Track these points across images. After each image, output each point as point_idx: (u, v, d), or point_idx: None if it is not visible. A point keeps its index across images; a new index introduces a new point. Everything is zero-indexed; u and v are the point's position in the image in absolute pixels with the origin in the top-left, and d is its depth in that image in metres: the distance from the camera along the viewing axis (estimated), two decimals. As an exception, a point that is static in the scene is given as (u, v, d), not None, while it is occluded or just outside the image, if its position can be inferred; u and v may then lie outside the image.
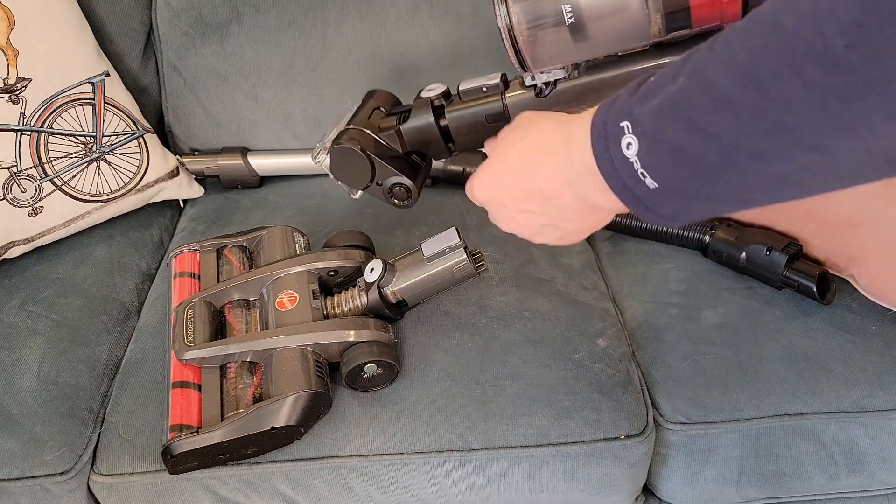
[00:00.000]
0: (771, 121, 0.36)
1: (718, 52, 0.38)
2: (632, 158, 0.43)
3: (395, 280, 0.81)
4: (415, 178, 0.72)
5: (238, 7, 1.07)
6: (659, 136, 0.41)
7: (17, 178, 0.93)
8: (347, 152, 0.71)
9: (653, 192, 0.43)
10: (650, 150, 0.42)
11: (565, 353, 0.83)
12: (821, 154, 0.36)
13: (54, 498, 0.76)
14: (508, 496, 0.79)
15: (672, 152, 0.41)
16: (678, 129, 0.40)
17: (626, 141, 0.43)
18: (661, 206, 0.44)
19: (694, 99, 0.39)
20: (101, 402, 0.82)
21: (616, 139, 0.44)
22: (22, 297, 0.91)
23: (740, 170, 0.39)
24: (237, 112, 1.12)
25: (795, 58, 0.34)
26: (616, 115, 0.45)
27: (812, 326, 0.86)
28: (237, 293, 0.85)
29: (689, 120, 0.39)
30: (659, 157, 0.42)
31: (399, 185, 0.72)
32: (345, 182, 0.74)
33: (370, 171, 0.72)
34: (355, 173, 0.72)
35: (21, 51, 0.93)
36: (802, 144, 0.36)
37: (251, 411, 0.71)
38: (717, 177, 0.40)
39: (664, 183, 0.42)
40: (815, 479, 0.84)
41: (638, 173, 0.43)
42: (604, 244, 1.03)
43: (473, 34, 1.09)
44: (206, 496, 0.76)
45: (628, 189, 0.45)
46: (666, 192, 0.43)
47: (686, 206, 0.44)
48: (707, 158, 0.39)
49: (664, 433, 0.81)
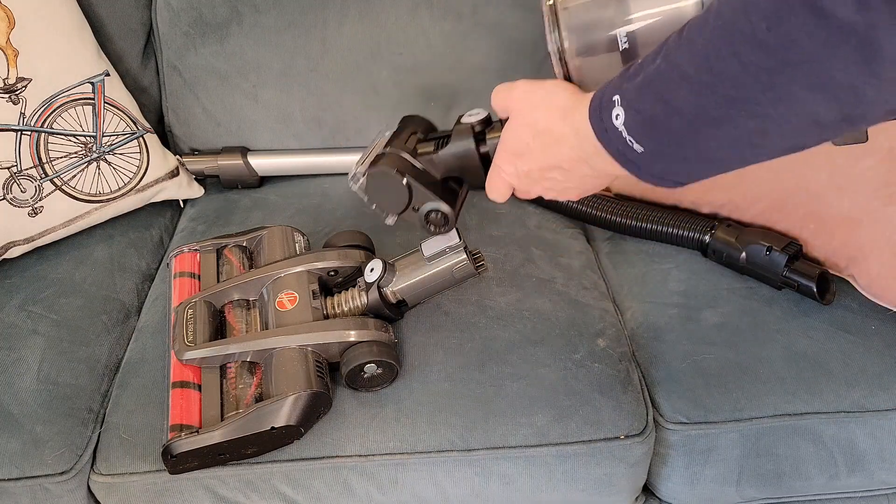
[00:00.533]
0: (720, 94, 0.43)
1: (684, 38, 0.46)
2: (620, 128, 0.50)
3: (395, 280, 0.81)
4: (453, 204, 0.71)
5: (238, 7, 1.07)
6: (639, 108, 0.49)
7: (17, 178, 0.93)
8: (385, 176, 0.70)
9: (640, 155, 0.50)
10: (633, 120, 0.49)
11: (565, 353, 0.83)
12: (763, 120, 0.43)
13: (54, 498, 0.76)
14: (508, 496, 0.79)
15: (649, 122, 0.49)
16: (652, 102, 0.48)
17: (615, 112, 0.50)
18: (650, 167, 0.51)
19: (663, 78, 0.47)
20: (101, 402, 0.82)
21: (608, 111, 0.51)
22: (22, 297, 0.91)
23: (703, 136, 0.46)
24: (237, 112, 1.12)
25: (733, 41, 0.41)
26: (609, 91, 0.52)
27: (812, 326, 0.86)
28: (237, 293, 0.85)
29: (660, 95, 0.47)
30: (640, 125, 0.49)
31: (436, 211, 0.71)
32: (380, 207, 0.73)
33: (407, 196, 0.70)
34: (392, 198, 0.71)
35: (21, 51, 0.93)
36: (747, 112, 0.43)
37: (251, 411, 0.71)
38: (686, 142, 0.48)
39: (647, 147, 0.50)
40: (815, 479, 0.84)
41: (626, 140, 0.50)
42: (604, 244, 1.03)
43: (473, 34, 1.09)
44: (206, 496, 0.76)
45: (622, 154, 0.52)
46: (650, 155, 0.50)
47: (669, 166, 0.51)
48: (674, 127, 0.47)
49: (664, 433, 0.81)
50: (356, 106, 1.12)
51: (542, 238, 1.00)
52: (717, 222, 0.95)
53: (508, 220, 1.03)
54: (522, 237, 1.00)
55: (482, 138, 0.69)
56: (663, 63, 0.47)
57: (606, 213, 1.00)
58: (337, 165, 1.14)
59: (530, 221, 1.03)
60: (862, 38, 0.36)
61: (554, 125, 0.58)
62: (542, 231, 1.02)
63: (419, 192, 0.70)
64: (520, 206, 1.06)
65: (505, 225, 1.02)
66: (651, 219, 0.98)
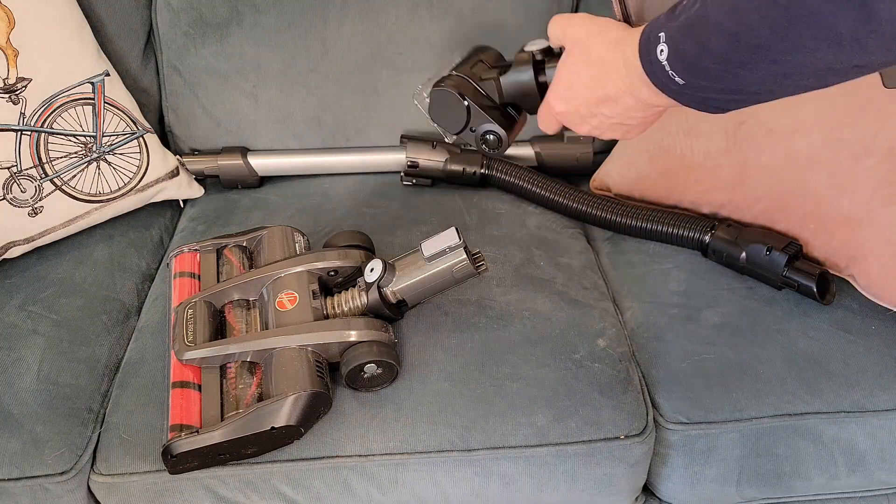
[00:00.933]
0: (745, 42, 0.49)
1: None
2: (663, 62, 0.56)
3: (394, 280, 0.81)
4: (508, 128, 0.75)
5: (238, 7, 1.07)
6: (678, 47, 0.54)
7: (17, 178, 0.93)
8: (446, 95, 0.74)
9: (682, 86, 0.56)
10: (675, 56, 0.55)
11: (565, 353, 0.83)
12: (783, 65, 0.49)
13: (54, 498, 0.76)
14: (508, 496, 0.79)
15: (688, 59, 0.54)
16: (691, 43, 0.53)
17: (660, 48, 0.55)
18: (691, 96, 0.56)
19: (701, 23, 0.52)
20: (101, 402, 0.82)
21: (654, 46, 0.56)
22: (22, 297, 0.91)
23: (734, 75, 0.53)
24: (237, 112, 1.12)
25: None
26: (656, 28, 0.57)
27: (812, 326, 0.86)
28: (237, 293, 0.85)
29: (697, 37, 0.53)
30: (680, 62, 0.55)
31: (492, 132, 0.74)
32: (441, 125, 0.77)
33: (466, 117, 0.74)
34: (452, 117, 0.75)
35: (21, 51, 0.93)
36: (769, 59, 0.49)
37: (251, 411, 0.71)
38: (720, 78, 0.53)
39: (687, 80, 0.55)
40: (815, 479, 0.84)
41: (669, 73, 0.55)
42: (604, 244, 1.03)
43: (473, 34, 1.09)
44: (206, 496, 0.76)
45: (665, 84, 0.57)
46: (690, 87, 0.56)
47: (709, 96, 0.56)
48: (709, 66, 0.53)
49: (664, 433, 0.81)
50: (356, 106, 1.11)
51: (542, 238, 1.00)
52: (717, 222, 0.95)
53: (508, 220, 1.03)
54: (522, 237, 1.00)
55: (541, 67, 0.72)
56: (701, 9, 0.52)
57: (607, 212, 1.01)
58: (337, 165, 1.14)
59: (530, 221, 1.03)
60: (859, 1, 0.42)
61: (606, 54, 0.64)
62: (542, 231, 1.02)
63: (477, 114, 0.74)
64: (520, 206, 1.06)
65: (505, 225, 1.02)
66: (651, 218, 0.98)
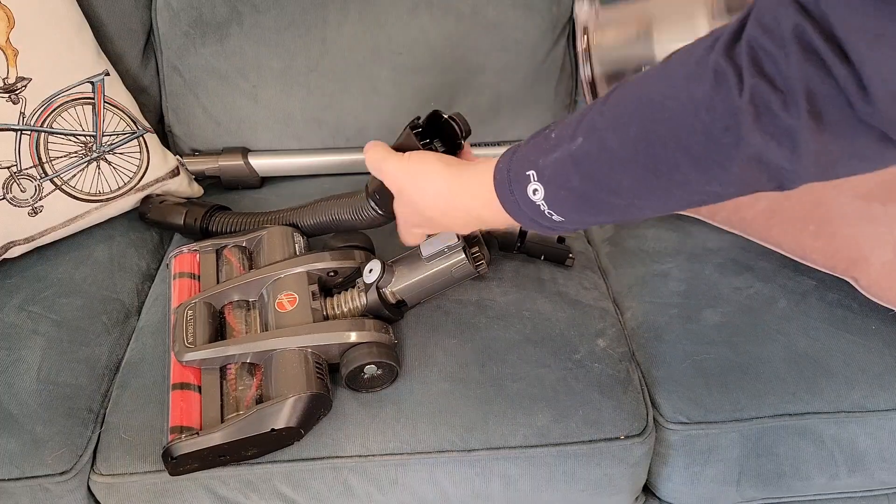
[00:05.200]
0: (665, 177, 0.45)
1: (610, 118, 0.47)
2: (538, 202, 0.51)
3: (394, 280, 0.81)
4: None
5: (238, 7, 1.07)
6: (564, 185, 0.49)
7: (17, 177, 0.93)
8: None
9: (559, 222, 0.52)
10: (555, 195, 0.50)
11: (565, 353, 0.83)
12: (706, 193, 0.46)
13: (54, 498, 0.76)
14: (508, 496, 0.79)
15: (577, 198, 0.49)
16: (582, 181, 0.48)
17: (531, 188, 0.51)
18: (565, 228, 0.53)
19: (592, 158, 0.47)
20: (101, 402, 0.82)
21: (522, 186, 0.52)
22: (22, 297, 0.91)
23: (639, 207, 0.48)
24: (237, 112, 1.12)
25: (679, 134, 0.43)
26: (520, 164, 0.52)
27: (812, 326, 0.86)
28: (237, 294, 0.85)
29: (591, 175, 0.48)
30: (564, 201, 0.50)
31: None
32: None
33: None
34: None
35: (21, 50, 0.93)
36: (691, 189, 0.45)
37: (251, 413, 0.71)
38: (620, 212, 0.49)
39: (571, 217, 0.51)
40: (815, 479, 0.84)
41: (545, 212, 0.52)
42: (603, 244, 1.03)
43: (473, 34, 1.09)
44: (206, 496, 0.76)
45: (535, 222, 0.53)
46: (571, 222, 0.52)
47: (584, 225, 0.54)
48: (611, 202, 0.48)
49: (664, 433, 0.81)
50: (356, 106, 1.11)
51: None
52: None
53: (508, 220, 1.03)
54: (522, 237, 1.00)
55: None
56: (587, 143, 0.48)
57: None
58: (337, 165, 1.14)
59: (530, 221, 1.03)
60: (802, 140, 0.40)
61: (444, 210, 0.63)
62: (543, 231, 1.02)
63: None
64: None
65: (505, 225, 1.02)
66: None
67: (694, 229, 1.00)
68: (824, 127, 0.39)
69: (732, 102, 0.41)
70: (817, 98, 0.38)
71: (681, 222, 1.01)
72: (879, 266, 0.85)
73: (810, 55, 0.37)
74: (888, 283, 0.85)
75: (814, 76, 0.38)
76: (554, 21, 1.11)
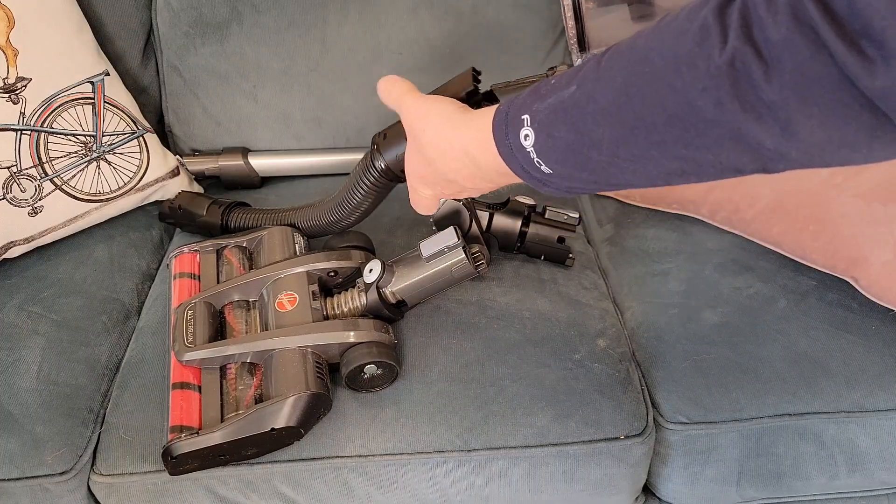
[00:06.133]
0: (643, 136, 0.43)
1: (603, 69, 0.45)
2: (528, 148, 0.50)
3: (394, 280, 0.81)
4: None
5: (238, 7, 1.07)
6: (552, 133, 0.48)
7: (17, 177, 0.93)
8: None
9: (547, 175, 0.50)
10: (545, 144, 0.49)
11: (565, 353, 0.83)
12: (685, 163, 0.44)
13: (54, 498, 0.76)
14: (508, 496, 0.79)
15: (563, 149, 0.48)
16: (568, 130, 0.47)
17: (524, 133, 0.50)
18: (555, 184, 0.52)
19: (579, 108, 0.46)
20: (101, 402, 0.82)
21: (516, 130, 0.50)
22: (22, 297, 0.91)
23: (619, 168, 0.46)
24: (237, 112, 1.12)
25: (660, 92, 0.41)
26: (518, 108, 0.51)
27: (812, 326, 0.86)
28: (237, 294, 0.85)
29: (576, 125, 0.46)
30: (551, 150, 0.49)
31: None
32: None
33: None
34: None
35: (21, 50, 0.93)
36: (670, 155, 0.43)
37: (251, 412, 0.71)
38: (602, 170, 0.47)
39: (556, 170, 0.49)
40: (815, 479, 0.84)
41: (534, 161, 0.50)
42: (603, 244, 1.03)
43: (473, 33, 1.09)
44: (206, 496, 0.76)
45: (527, 171, 0.52)
46: (559, 176, 0.50)
47: (574, 185, 0.51)
48: (592, 157, 0.47)
49: (664, 433, 0.81)
50: (356, 106, 1.11)
51: (542, 238, 1.00)
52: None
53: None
54: (522, 237, 1.00)
55: None
56: (579, 92, 0.46)
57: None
58: (337, 165, 1.14)
59: (530, 221, 1.03)
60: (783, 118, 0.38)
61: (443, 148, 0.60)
62: (543, 231, 1.02)
63: None
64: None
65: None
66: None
67: (694, 229, 1.00)
68: (811, 107, 0.37)
69: (712, 62, 0.39)
70: (805, 74, 0.36)
71: (681, 222, 1.01)
72: (879, 266, 0.85)
73: (803, 27, 0.35)
74: (888, 283, 0.85)
75: (803, 49, 0.35)
76: (554, 21, 1.11)
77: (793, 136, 0.38)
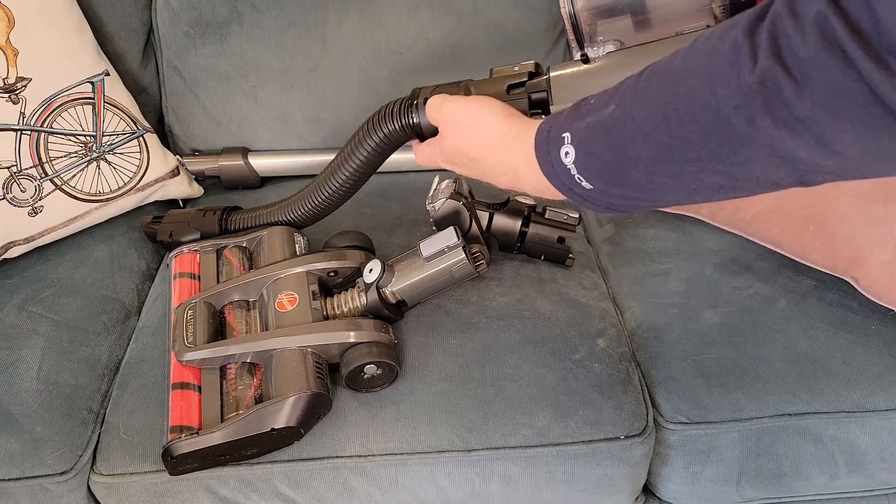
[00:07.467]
0: (678, 154, 0.45)
1: (641, 89, 0.47)
2: (569, 165, 0.52)
3: (394, 280, 0.81)
4: None
5: (238, 7, 1.07)
6: (591, 151, 0.50)
7: (17, 177, 0.93)
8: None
9: (588, 191, 0.52)
10: (585, 161, 0.51)
11: (565, 353, 0.83)
12: (722, 177, 0.45)
13: (54, 498, 0.76)
14: (508, 496, 0.79)
15: (602, 166, 0.50)
16: (607, 148, 0.49)
17: (564, 150, 0.52)
18: (596, 200, 0.53)
19: (618, 127, 0.48)
20: (101, 402, 0.82)
21: (557, 147, 0.52)
22: (22, 297, 0.91)
23: (657, 183, 0.48)
24: (237, 112, 1.12)
25: (695, 110, 0.43)
26: (559, 126, 0.53)
27: (812, 326, 0.86)
28: (237, 294, 0.85)
29: (614, 143, 0.48)
30: (591, 167, 0.51)
31: None
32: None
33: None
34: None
35: (21, 50, 0.93)
36: (708, 170, 0.45)
37: (251, 413, 0.71)
38: (640, 187, 0.49)
39: (598, 185, 0.51)
40: (815, 479, 0.84)
41: (575, 177, 0.52)
42: (604, 244, 1.03)
43: (473, 34, 1.09)
44: (206, 496, 0.76)
45: (567, 187, 0.54)
46: (599, 192, 0.52)
47: (616, 201, 0.52)
48: (630, 175, 0.48)
49: (664, 433, 0.81)
50: (356, 106, 1.11)
51: (542, 238, 1.00)
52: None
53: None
54: (522, 237, 1.00)
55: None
56: (618, 111, 0.48)
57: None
58: (337, 165, 1.14)
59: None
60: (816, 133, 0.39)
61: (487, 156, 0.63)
62: (542, 231, 1.02)
63: None
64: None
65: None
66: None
67: (694, 229, 1.00)
68: (843, 122, 0.38)
69: (742, 80, 0.40)
70: (835, 91, 0.37)
71: (681, 222, 1.01)
72: (879, 266, 0.85)
73: (831, 45, 0.36)
74: (888, 283, 0.85)
75: (832, 67, 0.36)
76: (554, 21, 1.11)
77: (827, 148, 0.39)
